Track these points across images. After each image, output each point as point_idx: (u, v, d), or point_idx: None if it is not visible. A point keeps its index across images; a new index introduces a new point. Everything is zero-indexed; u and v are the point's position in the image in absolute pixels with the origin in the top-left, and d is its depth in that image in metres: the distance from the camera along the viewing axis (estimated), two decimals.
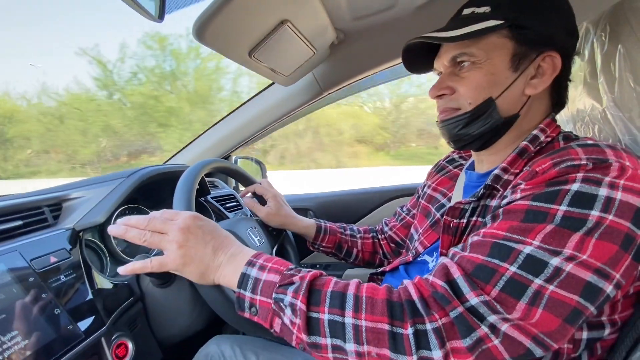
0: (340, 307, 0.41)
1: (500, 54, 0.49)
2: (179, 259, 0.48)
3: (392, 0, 0.80)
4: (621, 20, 0.54)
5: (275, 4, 0.65)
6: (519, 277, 0.37)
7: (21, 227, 0.62)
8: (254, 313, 0.45)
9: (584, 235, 0.37)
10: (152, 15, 0.55)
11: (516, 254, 0.38)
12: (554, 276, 0.37)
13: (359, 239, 0.89)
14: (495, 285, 0.38)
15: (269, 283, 0.45)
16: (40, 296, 0.53)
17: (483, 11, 0.50)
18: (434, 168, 0.78)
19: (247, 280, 0.46)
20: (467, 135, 0.53)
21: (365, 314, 0.40)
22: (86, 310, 0.59)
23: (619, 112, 0.57)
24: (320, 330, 0.41)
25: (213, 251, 0.48)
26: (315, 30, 0.79)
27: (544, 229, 0.38)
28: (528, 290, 0.37)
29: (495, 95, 0.50)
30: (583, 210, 0.38)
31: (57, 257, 0.59)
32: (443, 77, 0.55)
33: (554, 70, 0.50)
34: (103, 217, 0.71)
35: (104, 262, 0.77)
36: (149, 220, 0.49)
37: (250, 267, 0.47)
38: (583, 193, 0.38)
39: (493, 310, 0.37)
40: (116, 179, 0.79)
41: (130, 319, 0.69)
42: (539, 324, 0.37)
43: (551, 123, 0.52)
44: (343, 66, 1.00)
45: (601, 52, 0.57)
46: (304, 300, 0.42)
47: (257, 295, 0.45)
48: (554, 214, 0.38)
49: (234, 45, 0.70)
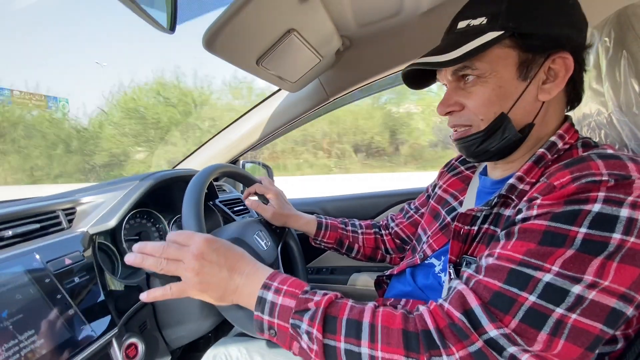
0: (356, 337, 0.41)
1: (506, 64, 0.47)
2: (197, 285, 0.48)
3: (397, 7, 0.81)
4: (625, 26, 0.54)
5: (282, 14, 0.67)
6: (539, 307, 0.36)
7: (38, 230, 0.64)
8: (272, 335, 0.46)
9: (604, 260, 0.35)
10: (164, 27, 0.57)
11: (535, 282, 0.37)
12: (576, 304, 0.35)
13: (360, 235, 0.88)
14: (515, 315, 0.37)
15: (285, 308, 0.45)
16: (56, 297, 0.56)
17: (479, 23, 0.47)
18: (445, 167, 0.77)
19: (264, 304, 0.46)
20: (486, 152, 0.51)
21: (381, 345, 0.40)
22: (99, 311, 0.61)
23: (625, 117, 0.56)
24: (337, 358, 0.41)
25: (229, 274, 0.48)
26: (321, 38, 0.81)
27: (564, 254, 0.36)
28: (549, 320, 0.35)
29: (507, 109, 0.48)
30: (604, 233, 0.36)
31: (71, 259, 0.61)
32: (449, 92, 0.52)
33: (567, 71, 0.47)
34: (115, 221, 0.73)
35: (116, 265, 0.79)
36: (164, 248, 0.49)
37: (265, 291, 0.47)
38: (604, 214, 0.36)
39: (513, 343, 0.36)
40: (128, 182, 0.81)
41: (141, 320, 0.70)
42: (561, 355, 0.35)
43: (570, 128, 0.50)
44: (349, 72, 1.01)
45: (606, 57, 0.57)
46: (320, 329, 0.42)
47: (274, 318, 0.45)
48: (573, 237, 0.37)
49: (243, 54, 0.72)
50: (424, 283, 0.63)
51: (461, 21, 0.50)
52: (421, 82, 0.59)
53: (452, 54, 0.46)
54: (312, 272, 1.27)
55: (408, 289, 0.66)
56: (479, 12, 0.48)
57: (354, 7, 0.78)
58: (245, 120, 1.18)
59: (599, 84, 0.60)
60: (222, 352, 0.69)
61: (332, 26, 0.81)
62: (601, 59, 0.58)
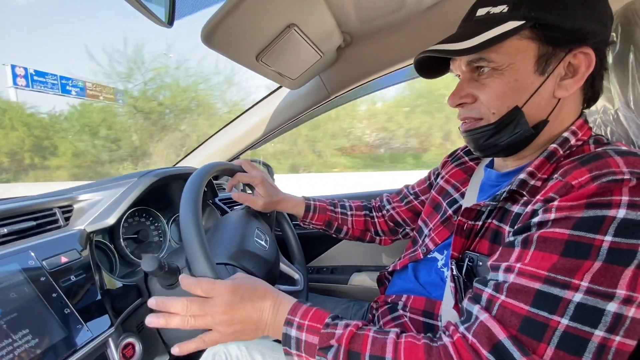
0: None
1: (524, 57, 0.44)
2: (231, 336, 0.48)
3: (399, 1, 0.80)
4: (632, 21, 0.53)
5: (282, 8, 0.66)
6: (575, 331, 0.33)
7: (34, 228, 0.63)
8: None
9: (636, 270, 0.33)
10: (162, 21, 0.56)
11: (566, 303, 0.34)
12: (616, 324, 0.33)
13: (349, 217, 0.88)
14: (550, 343, 0.34)
15: (309, 345, 0.45)
16: (51, 296, 0.55)
17: (500, 11, 0.44)
18: (450, 157, 0.75)
19: (290, 340, 0.46)
20: (494, 146, 0.50)
21: None
22: (95, 310, 0.60)
23: (632, 114, 0.55)
24: None
25: (258, 317, 0.48)
26: (321, 33, 0.80)
27: (591, 268, 0.34)
28: (590, 345, 0.33)
29: (522, 103, 0.46)
30: (631, 240, 0.34)
31: (68, 257, 0.60)
32: (462, 83, 0.50)
33: (588, 67, 0.44)
34: (113, 219, 0.72)
35: (114, 263, 0.78)
36: (187, 305, 0.47)
37: (289, 328, 0.47)
38: (630, 220, 0.34)
39: None
40: (126, 180, 0.80)
41: (138, 319, 0.70)
42: None
43: (583, 125, 0.48)
44: (350, 69, 1.00)
45: (613, 53, 0.56)
46: None
47: (302, 353, 0.45)
48: (599, 247, 0.34)
49: (242, 49, 0.71)
50: (426, 279, 0.63)
51: (481, 8, 0.47)
52: (434, 72, 0.57)
53: (468, 42, 0.44)
54: (312, 272, 1.26)
55: (409, 286, 0.65)
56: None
57: (355, 2, 0.77)
58: (246, 117, 1.17)
59: (605, 80, 0.59)
60: (221, 351, 0.68)
61: (333, 22, 0.79)
62: (608, 55, 0.57)
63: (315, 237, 1.25)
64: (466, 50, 0.44)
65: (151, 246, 0.90)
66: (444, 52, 0.46)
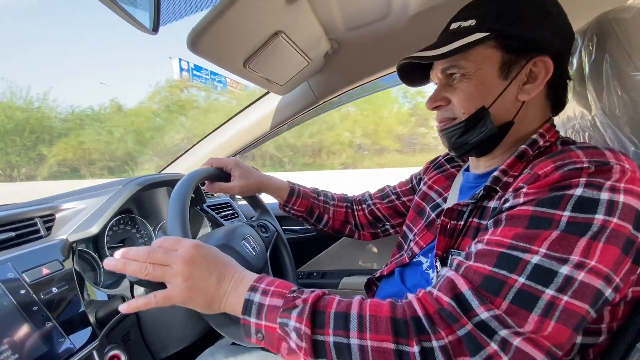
0: (344, 329, 0.40)
1: (489, 64, 0.50)
2: (185, 292, 0.46)
3: (385, 10, 0.82)
4: (607, 30, 0.55)
5: (269, 15, 0.66)
6: (529, 288, 0.37)
7: (14, 239, 0.61)
8: (260, 338, 0.45)
9: (590, 240, 0.37)
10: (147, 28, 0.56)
11: (524, 264, 0.38)
12: (565, 285, 0.36)
13: (331, 207, 0.88)
14: (505, 297, 0.37)
15: (272, 308, 0.44)
16: (32, 309, 0.53)
17: (469, 24, 0.51)
18: (432, 163, 0.78)
19: (251, 306, 0.45)
20: (465, 144, 0.54)
21: (369, 334, 0.39)
22: (78, 322, 0.59)
23: (608, 120, 0.57)
24: (327, 353, 0.40)
25: (218, 280, 0.47)
26: (309, 40, 0.80)
27: (550, 236, 0.38)
28: (540, 302, 0.36)
29: (488, 104, 0.51)
30: (587, 215, 0.37)
31: (49, 268, 0.59)
32: (438, 88, 0.56)
33: (547, 73, 0.50)
34: (97, 227, 0.70)
35: (98, 273, 0.76)
36: (149, 252, 0.47)
37: (253, 293, 0.46)
38: (586, 198, 0.38)
39: (504, 325, 0.36)
40: (110, 188, 0.79)
41: (124, 330, 0.68)
42: (551, 336, 0.36)
43: (550, 128, 0.53)
44: (338, 75, 1.01)
45: (589, 61, 0.58)
46: (308, 324, 0.41)
47: (262, 320, 0.44)
48: (558, 220, 0.38)
49: (229, 55, 0.71)
50: (412, 282, 0.64)
51: (454, 22, 0.54)
52: (417, 80, 0.62)
53: (440, 50, 0.49)
54: (302, 277, 1.26)
55: (396, 289, 0.66)
56: (470, 15, 0.52)
57: (342, 10, 0.78)
58: (233, 123, 1.17)
59: (582, 87, 0.61)
60: None
61: (321, 29, 0.80)
62: (584, 63, 0.59)
63: (306, 241, 1.25)
64: (437, 57, 0.49)
65: None
66: (419, 58, 0.51)
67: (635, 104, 0.53)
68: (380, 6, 0.79)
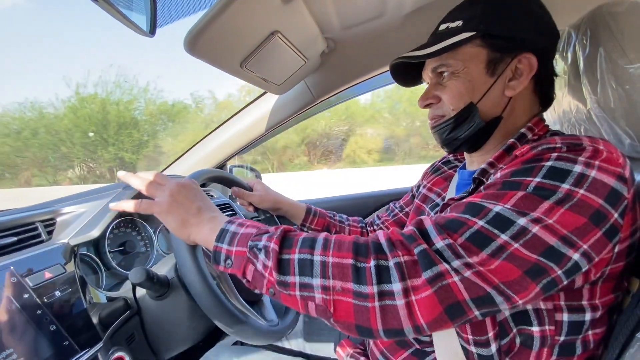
0: (310, 247, 0.43)
1: (476, 62, 0.53)
2: (165, 205, 0.51)
3: (380, 9, 0.82)
4: (600, 25, 0.55)
5: (265, 16, 0.66)
6: (486, 231, 0.39)
7: (15, 244, 0.61)
8: (228, 265, 0.47)
9: (553, 204, 0.38)
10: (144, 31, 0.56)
11: (487, 212, 0.40)
12: (519, 235, 0.38)
13: (347, 226, 0.90)
14: (462, 235, 0.39)
15: (246, 234, 0.47)
16: (35, 313, 0.53)
17: (456, 25, 0.53)
18: (430, 168, 0.80)
19: (226, 235, 0.48)
20: (456, 139, 0.56)
21: (332, 252, 0.42)
22: (82, 325, 0.59)
23: (603, 113, 0.58)
24: (290, 269, 0.42)
25: (197, 209, 0.52)
26: (305, 40, 0.81)
27: (516, 195, 0.40)
28: (493, 244, 0.38)
29: (476, 100, 0.53)
30: (555, 182, 0.40)
31: (51, 272, 0.59)
32: (429, 87, 0.58)
33: (531, 70, 0.52)
34: (98, 231, 0.70)
35: (100, 276, 0.76)
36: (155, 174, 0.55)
37: (229, 224, 0.49)
38: (557, 168, 0.40)
39: (456, 254, 0.38)
40: (111, 191, 0.79)
41: (128, 332, 0.68)
42: (498, 271, 0.37)
43: (539, 122, 0.54)
44: (334, 74, 1.01)
45: (583, 55, 0.59)
46: (277, 243, 0.44)
47: (233, 246, 0.47)
48: (527, 184, 0.41)
49: (225, 56, 0.71)
50: None
51: (443, 24, 0.56)
52: (410, 80, 0.65)
53: (429, 49, 0.52)
54: None
55: None
56: (457, 16, 0.54)
57: (337, 9, 0.78)
58: (231, 124, 1.17)
59: (577, 81, 0.62)
60: None
61: (317, 28, 0.80)
62: (579, 57, 0.60)
63: None
64: (427, 55, 0.52)
65: (138, 257, 0.89)
66: (409, 57, 0.54)
67: (629, 97, 0.54)
68: (375, 5, 0.80)
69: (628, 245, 0.43)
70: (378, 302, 0.38)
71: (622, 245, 0.42)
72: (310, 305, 0.41)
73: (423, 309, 0.37)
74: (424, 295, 0.37)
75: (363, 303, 0.38)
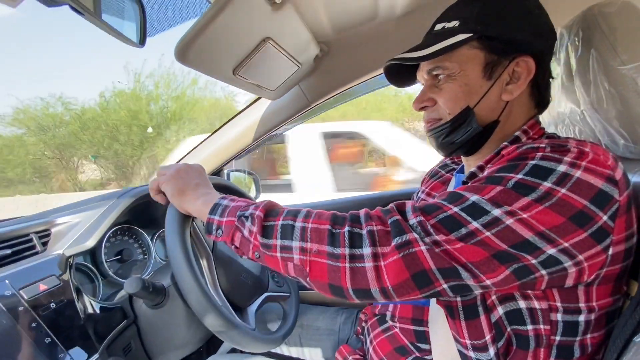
0: (293, 216, 0.47)
1: (473, 64, 0.51)
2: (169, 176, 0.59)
3: (372, 12, 0.82)
4: (592, 25, 0.55)
5: (256, 23, 0.66)
6: (459, 217, 0.40)
7: (10, 256, 0.61)
8: (219, 234, 0.51)
9: (531, 201, 0.38)
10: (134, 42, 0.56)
11: (463, 200, 0.41)
12: (491, 224, 0.38)
13: None
14: (436, 217, 0.41)
15: (236, 207, 0.51)
16: (30, 325, 0.53)
17: (452, 26, 0.51)
18: (428, 174, 0.80)
19: (218, 208, 0.52)
20: (452, 143, 0.55)
21: (313, 219, 0.46)
22: (78, 336, 0.59)
23: (596, 114, 0.58)
24: (273, 233, 0.46)
25: (196, 185, 0.58)
26: (297, 45, 0.80)
27: (495, 189, 0.41)
28: (463, 229, 0.39)
29: (473, 104, 0.52)
30: (536, 180, 0.39)
31: (46, 284, 0.59)
32: (424, 89, 0.56)
33: (529, 73, 0.50)
34: (93, 240, 0.71)
35: (97, 285, 0.76)
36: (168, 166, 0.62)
37: (223, 199, 0.53)
38: (540, 166, 0.40)
39: (425, 232, 0.40)
40: (105, 200, 0.79)
41: (124, 342, 0.68)
42: (464, 251, 0.39)
43: (534, 125, 0.53)
44: (329, 78, 1.01)
45: (575, 56, 0.58)
46: (263, 211, 0.48)
47: (224, 217, 0.51)
48: (508, 179, 0.41)
49: (218, 65, 0.71)
50: None
51: (438, 24, 0.55)
52: (404, 81, 0.63)
53: (425, 51, 0.50)
54: None
55: None
56: (453, 16, 0.52)
57: (329, 14, 0.78)
58: (227, 129, 1.17)
59: (570, 82, 0.61)
60: None
61: (309, 33, 0.80)
62: (571, 58, 0.59)
63: None
64: (422, 57, 0.50)
65: (136, 264, 0.89)
66: (404, 59, 0.52)
67: (622, 98, 0.53)
68: (367, 8, 0.79)
69: (624, 248, 0.42)
70: (349, 263, 0.41)
71: (617, 248, 0.41)
72: (290, 265, 0.45)
73: (390, 272, 0.40)
74: (391, 259, 0.40)
75: (335, 263, 0.42)
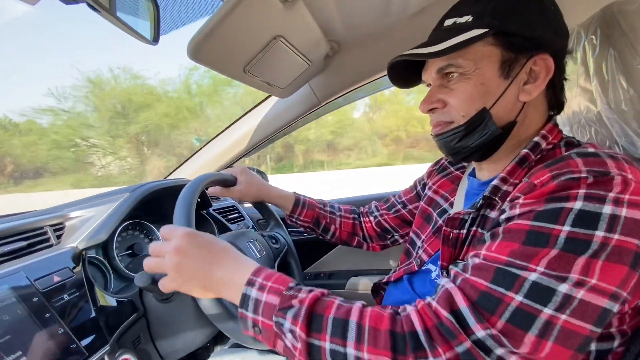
0: (342, 337, 0.39)
1: (489, 62, 0.47)
2: (177, 279, 0.48)
3: (384, 10, 0.81)
4: (611, 23, 0.54)
5: (267, 21, 0.66)
6: (526, 307, 0.35)
7: (25, 248, 0.63)
8: (257, 332, 0.45)
9: (589, 259, 0.35)
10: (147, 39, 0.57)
11: (521, 282, 0.36)
12: (564, 304, 0.35)
13: (338, 217, 0.87)
14: (502, 316, 0.36)
15: (269, 305, 0.43)
16: (44, 316, 0.54)
17: (465, 20, 0.48)
18: (435, 166, 0.76)
19: (248, 301, 0.45)
20: (465, 148, 0.51)
21: (367, 346, 0.39)
22: (89, 328, 0.60)
23: (614, 115, 0.56)
24: (322, 358, 0.40)
25: (209, 267, 0.48)
26: (308, 43, 0.80)
27: (548, 254, 0.36)
28: (537, 321, 0.35)
29: (489, 105, 0.48)
30: (587, 231, 0.36)
31: (60, 276, 0.60)
32: (432, 90, 0.52)
33: (548, 72, 0.48)
34: (106, 234, 0.72)
35: (108, 279, 0.78)
36: (152, 247, 0.51)
37: (249, 287, 0.45)
38: (586, 212, 0.36)
39: (500, 344, 0.35)
40: (118, 195, 0.80)
41: (134, 335, 0.69)
42: (549, 357, 0.34)
43: (553, 129, 0.50)
44: (339, 76, 1.01)
45: (593, 55, 0.57)
46: (304, 328, 0.40)
47: (259, 316, 0.44)
48: (556, 236, 0.36)
49: (229, 62, 0.72)
50: (421, 290, 0.62)
51: (448, 19, 0.51)
52: (407, 81, 0.60)
53: (437, 47, 0.47)
54: (309, 278, 1.26)
55: (407, 297, 0.64)
56: (465, 11, 0.49)
57: (340, 12, 0.78)
58: (236, 127, 1.18)
59: (587, 82, 0.60)
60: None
61: (319, 31, 0.80)
62: (588, 57, 0.58)
63: (313, 242, 1.26)
64: (435, 54, 0.46)
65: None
66: (415, 55, 0.49)
67: None
68: (378, 6, 0.79)
69: None
70: None
71: None
72: None
73: None
74: None
75: None
